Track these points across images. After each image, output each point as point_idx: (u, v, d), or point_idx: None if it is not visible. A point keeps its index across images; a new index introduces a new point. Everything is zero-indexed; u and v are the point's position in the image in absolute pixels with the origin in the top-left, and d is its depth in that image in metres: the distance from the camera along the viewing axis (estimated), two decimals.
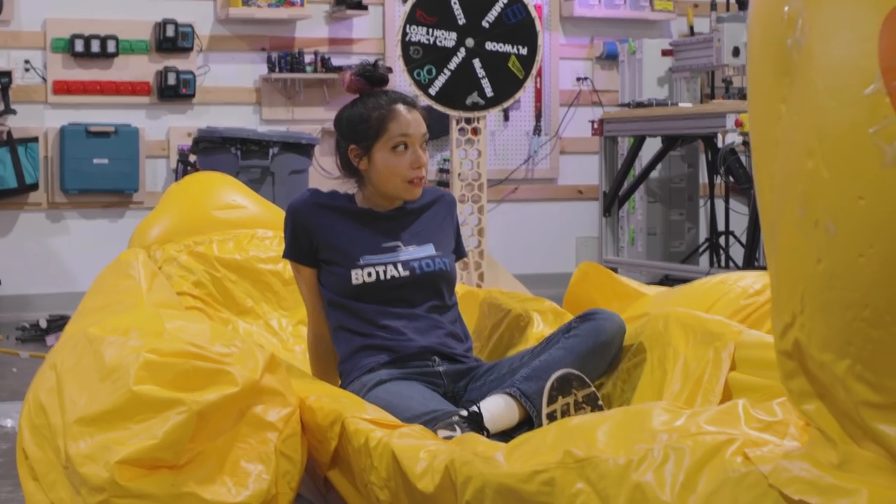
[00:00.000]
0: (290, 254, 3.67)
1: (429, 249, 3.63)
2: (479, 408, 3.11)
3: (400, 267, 3.56)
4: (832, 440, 1.84)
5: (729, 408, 2.13)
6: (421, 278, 3.57)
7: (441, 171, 8.54)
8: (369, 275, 3.53)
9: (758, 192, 1.91)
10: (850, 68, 1.68)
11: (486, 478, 2.34)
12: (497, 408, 3.13)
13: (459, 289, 4.36)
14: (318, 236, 3.60)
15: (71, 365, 2.95)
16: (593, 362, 3.26)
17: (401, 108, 3.56)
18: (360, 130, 3.57)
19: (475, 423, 3.07)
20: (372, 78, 3.63)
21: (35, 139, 7.86)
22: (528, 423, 3.11)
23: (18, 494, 3.48)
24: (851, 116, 1.67)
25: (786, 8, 1.81)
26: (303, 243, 3.61)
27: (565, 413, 3.03)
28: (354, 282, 3.54)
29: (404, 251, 3.60)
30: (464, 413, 3.11)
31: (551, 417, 3.02)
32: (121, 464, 2.58)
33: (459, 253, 3.80)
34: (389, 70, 3.69)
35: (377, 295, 3.53)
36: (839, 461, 1.82)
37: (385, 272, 3.54)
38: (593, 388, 3.10)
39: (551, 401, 3.04)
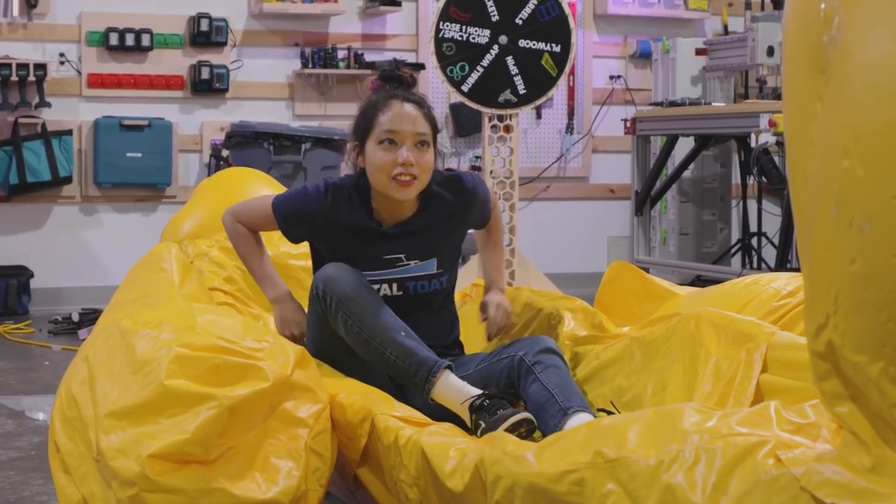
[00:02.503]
0: (282, 212, 3.61)
1: (430, 266, 3.61)
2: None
3: (395, 286, 3.56)
4: (865, 443, 1.82)
5: (761, 409, 2.11)
6: (413, 298, 3.57)
7: (473, 168, 8.53)
8: None
9: (792, 190, 1.90)
10: (888, 66, 1.67)
11: (515, 477, 2.33)
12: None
13: None
14: (321, 239, 3.61)
15: (103, 357, 2.96)
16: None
17: (395, 102, 3.51)
18: (357, 125, 3.56)
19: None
20: (384, 76, 3.62)
21: (69, 132, 7.89)
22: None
23: (49, 487, 3.49)
24: (888, 114, 1.66)
25: (822, 5, 1.80)
26: (303, 222, 3.60)
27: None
28: None
29: (405, 267, 3.57)
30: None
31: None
32: (152, 458, 2.58)
33: (483, 221, 3.80)
34: (410, 74, 3.66)
35: None
36: (872, 464, 1.81)
37: (379, 289, 3.53)
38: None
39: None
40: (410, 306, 3.53)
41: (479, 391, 3.16)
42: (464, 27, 6.31)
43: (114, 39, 7.96)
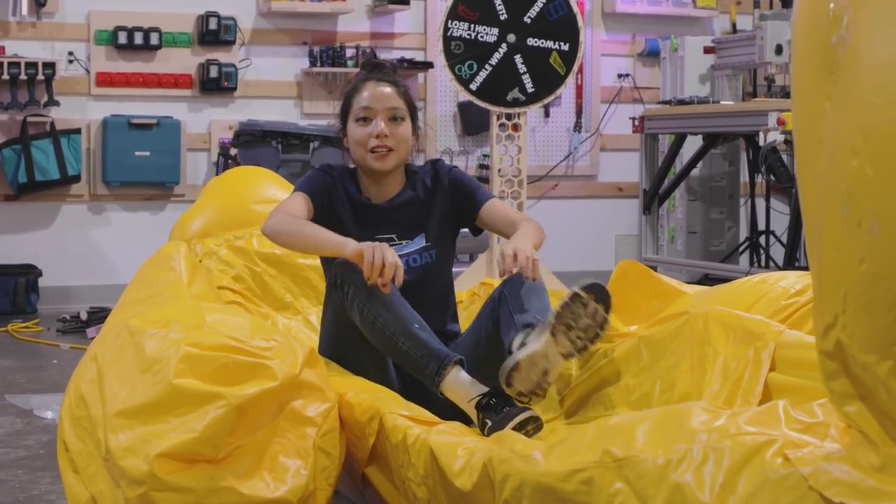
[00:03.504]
0: (304, 189, 3.67)
1: (419, 241, 3.73)
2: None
3: None
4: (873, 442, 1.82)
5: (769, 408, 2.11)
6: (413, 271, 3.63)
7: (481, 166, 8.53)
8: None
9: (801, 190, 1.90)
10: None
11: (524, 476, 2.33)
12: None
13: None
14: (329, 216, 3.67)
15: (112, 357, 2.96)
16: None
17: (369, 83, 3.72)
18: (340, 110, 3.79)
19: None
20: (364, 65, 3.86)
21: (77, 131, 7.90)
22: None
23: (58, 486, 3.50)
24: None
25: (831, 5, 1.80)
26: (324, 195, 3.68)
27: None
28: None
29: (397, 245, 3.67)
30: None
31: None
32: (160, 457, 2.59)
33: (479, 202, 3.76)
34: (390, 63, 3.94)
35: None
36: (880, 464, 1.81)
37: None
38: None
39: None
40: (408, 282, 3.56)
41: (486, 389, 3.18)
42: (472, 25, 6.32)
43: (122, 38, 7.97)
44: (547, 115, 9.03)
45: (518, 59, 6.38)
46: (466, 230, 3.89)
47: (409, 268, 3.63)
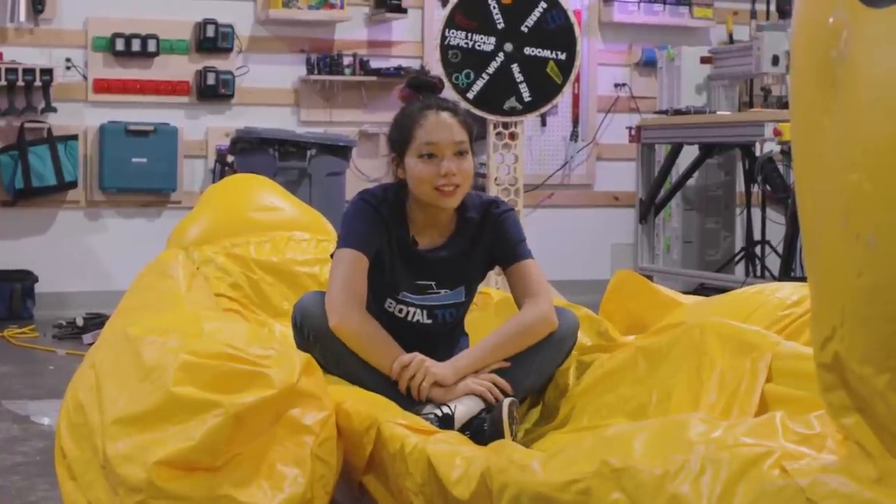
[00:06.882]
0: (358, 244, 3.47)
1: (458, 295, 3.62)
2: (451, 409, 3.28)
3: (425, 313, 3.59)
4: (871, 454, 1.83)
5: (766, 420, 2.12)
6: (442, 326, 3.60)
7: (477, 175, 8.53)
8: (400, 311, 3.57)
9: (799, 204, 1.91)
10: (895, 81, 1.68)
11: (522, 486, 2.34)
12: (468, 408, 3.30)
13: (496, 294, 4.36)
14: (381, 244, 3.52)
15: (110, 364, 2.97)
16: (548, 355, 3.50)
17: (429, 113, 3.47)
18: (394, 139, 3.54)
19: (446, 423, 3.25)
20: (413, 84, 3.65)
21: (75, 137, 7.90)
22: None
23: (55, 493, 3.50)
24: None
25: (830, 20, 1.80)
26: (376, 239, 3.49)
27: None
28: (387, 307, 3.57)
29: (435, 295, 3.59)
30: (438, 413, 3.27)
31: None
32: (158, 465, 2.59)
33: (513, 258, 3.58)
34: (438, 78, 3.69)
35: (398, 326, 3.52)
36: (878, 476, 1.81)
37: (412, 314, 3.58)
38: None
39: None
40: (433, 331, 3.60)
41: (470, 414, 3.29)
42: (469, 34, 6.33)
43: (120, 45, 7.98)
44: (544, 123, 9.04)
45: (515, 68, 6.39)
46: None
47: (443, 322, 3.61)
